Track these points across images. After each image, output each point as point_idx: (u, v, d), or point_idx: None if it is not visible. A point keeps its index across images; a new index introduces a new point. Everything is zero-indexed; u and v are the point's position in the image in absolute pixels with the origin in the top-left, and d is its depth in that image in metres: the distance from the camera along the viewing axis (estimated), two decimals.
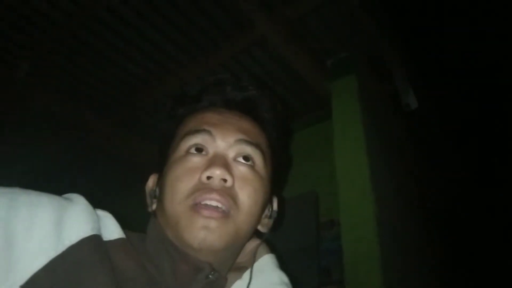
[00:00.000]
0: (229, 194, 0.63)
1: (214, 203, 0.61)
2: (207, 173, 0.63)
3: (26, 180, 1.63)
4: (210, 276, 0.60)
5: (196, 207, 0.61)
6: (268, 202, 0.73)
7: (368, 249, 1.56)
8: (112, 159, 2.43)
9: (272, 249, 0.77)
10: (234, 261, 0.69)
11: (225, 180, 0.63)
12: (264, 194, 0.69)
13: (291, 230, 2.02)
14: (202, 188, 0.62)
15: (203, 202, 0.61)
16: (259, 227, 0.73)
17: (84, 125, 2.27)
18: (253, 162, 0.69)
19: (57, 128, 2.25)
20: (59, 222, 0.50)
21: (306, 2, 1.70)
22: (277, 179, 0.77)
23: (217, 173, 0.62)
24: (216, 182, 0.62)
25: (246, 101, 0.77)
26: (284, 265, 0.77)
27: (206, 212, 0.60)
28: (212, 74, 0.82)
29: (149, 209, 0.71)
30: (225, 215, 0.61)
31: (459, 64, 2.25)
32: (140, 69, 2.03)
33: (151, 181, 0.74)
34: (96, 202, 0.58)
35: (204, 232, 0.59)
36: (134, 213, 0.70)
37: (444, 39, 2.15)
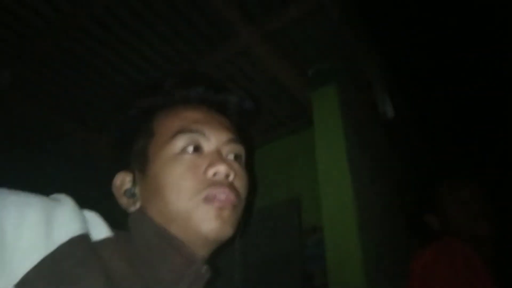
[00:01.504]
0: (233, 187, 0.67)
1: (224, 196, 0.65)
2: (214, 170, 0.66)
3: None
4: (201, 269, 0.62)
5: (209, 201, 0.64)
6: None
7: (351, 254, 1.59)
8: (96, 168, 2.41)
9: None
10: (213, 255, 0.71)
11: (228, 176, 0.67)
12: (248, 190, 0.74)
13: (274, 236, 2.05)
14: (212, 184, 0.65)
15: (214, 197, 0.64)
16: None
17: (67, 135, 2.25)
18: (241, 160, 0.74)
19: (39, 138, 2.23)
20: (48, 222, 0.51)
21: (288, 14, 1.75)
22: None
23: (223, 169, 0.66)
24: (221, 177, 0.66)
25: (220, 101, 0.79)
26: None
27: (218, 203, 0.64)
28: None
29: (130, 209, 0.70)
30: (233, 206, 0.66)
31: (435, 74, 2.33)
32: (124, 78, 2.03)
33: (121, 180, 0.72)
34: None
35: (219, 222, 0.63)
36: (123, 220, 0.70)
37: (421, 49, 2.23)
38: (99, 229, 0.59)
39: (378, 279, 1.66)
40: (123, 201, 0.71)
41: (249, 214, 0.79)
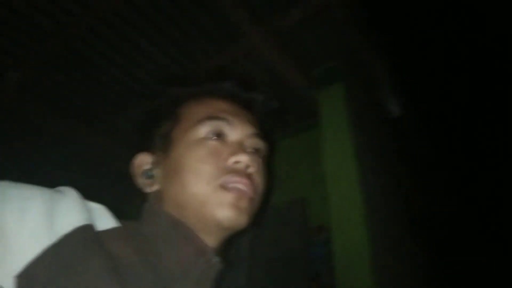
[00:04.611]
0: (252, 180, 0.67)
1: (242, 187, 0.64)
2: (235, 158, 0.66)
3: None
4: (212, 260, 0.62)
5: (227, 188, 0.63)
6: None
7: (359, 252, 1.59)
8: (104, 171, 2.42)
9: None
10: (224, 247, 0.71)
11: (248, 167, 0.67)
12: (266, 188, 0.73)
13: (280, 236, 2.05)
14: (232, 171, 0.65)
15: (231, 185, 0.64)
16: None
17: (74, 136, 2.26)
18: (262, 156, 0.75)
19: (47, 139, 2.23)
20: (51, 213, 0.50)
21: (294, 14, 1.75)
22: None
23: (245, 159, 0.66)
24: (242, 167, 0.66)
25: (248, 99, 0.80)
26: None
27: (236, 192, 0.63)
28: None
29: (147, 190, 0.71)
30: (250, 199, 0.65)
31: (442, 72, 2.33)
32: (132, 80, 2.04)
33: (141, 160, 0.73)
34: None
35: (235, 210, 0.62)
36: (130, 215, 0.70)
37: (428, 47, 2.22)
38: (105, 220, 0.59)
39: (386, 278, 1.66)
40: (140, 181, 0.72)
41: (263, 212, 0.79)
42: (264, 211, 0.79)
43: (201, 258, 0.61)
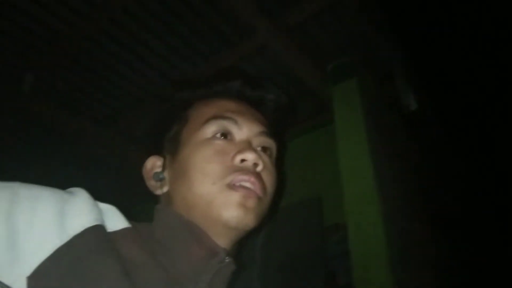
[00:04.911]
0: (260, 178, 0.66)
1: (249, 185, 0.63)
2: (242, 156, 0.65)
3: None
4: (225, 260, 0.61)
5: (233, 187, 0.63)
6: None
7: (377, 250, 1.56)
8: (116, 170, 2.43)
9: None
10: (237, 248, 0.71)
11: (256, 165, 0.66)
12: (276, 187, 0.73)
13: (295, 235, 2.02)
14: (238, 170, 0.64)
15: (238, 183, 0.63)
16: None
17: (89, 137, 2.27)
18: (271, 154, 0.74)
19: (61, 139, 2.26)
20: (61, 214, 0.50)
21: (306, 9, 1.72)
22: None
23: (251, 157, 0.66)
24: (249, 165, 0.66)
25: (257, 97, 0.80)
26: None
27: (243, 191, 0.63)
28: None
29: (157, 192, 0.73)
30: (259, 198, 0.64)
31: (459, 64, 2.28)
32: (143, 79, 2.04)
33: (152, 164, 0.75)
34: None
35: (242, 210, 0.62)
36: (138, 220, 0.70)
37: (444, 39, 2.17)
38: (116, 221, 0.58)
39: (405, 275, 1.63)
40: (151, 183, 0.74)
41: (274, 213, 0.77)
42: (275, 211, 0.77)
43: (213, 259, 0.60)
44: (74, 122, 2.20)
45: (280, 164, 0.79)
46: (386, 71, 2.06)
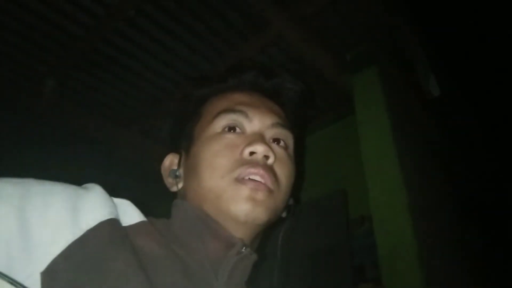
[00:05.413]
0: (271, 171, 0.64)
1: (258, 178, 0.62)
2: (251, 149, 0.64)
3: None
4: (243, 250, 0.60)
5: (242, 180, 0.61)
6: None
7: (404, 242, 1.52)
8: (139, 170, 2.46)
9: None
10: (260, 241, 0.70)
11: (267, 157, 0.64)
12: (294, 179, 0.70)
13: (320, 229, 1.99)
14: (247, 163, 0.63)
15: (247, 177, 0.62)
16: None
17: (110, 139, 2.30)
18: (286, 146, 0.71)
19: (83, 142, 2.29)
20: (74, 208, 0.49)
21: None
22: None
23: (260, 149, 0.64)
24: (259, 158, 0.64)
25: (273, 87, 0.79)
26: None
27: (252, 184, 0.61)
28: None
29: (173, 189, 0.73)
30: (269, 191, 0.62)
31: (482, 47, 2.19)
32: (161, 79, 2.04)
33: (169, 161, 0.76)
34: None
35: (251, 203, 0.60)
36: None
37: (465, 22, 2.09)
38: (131, 215, 0.57)
39: (434, 267, 1.58)
40: (168, 181, 0.74)
41: (295, 206, 0.75)
42: (296, 204, 0.75)
43: (230, 251, 0.59)
44: (97, 124, 2.23)
45: (299, 155, 0.77)
46: (406, 57, 2.00)
